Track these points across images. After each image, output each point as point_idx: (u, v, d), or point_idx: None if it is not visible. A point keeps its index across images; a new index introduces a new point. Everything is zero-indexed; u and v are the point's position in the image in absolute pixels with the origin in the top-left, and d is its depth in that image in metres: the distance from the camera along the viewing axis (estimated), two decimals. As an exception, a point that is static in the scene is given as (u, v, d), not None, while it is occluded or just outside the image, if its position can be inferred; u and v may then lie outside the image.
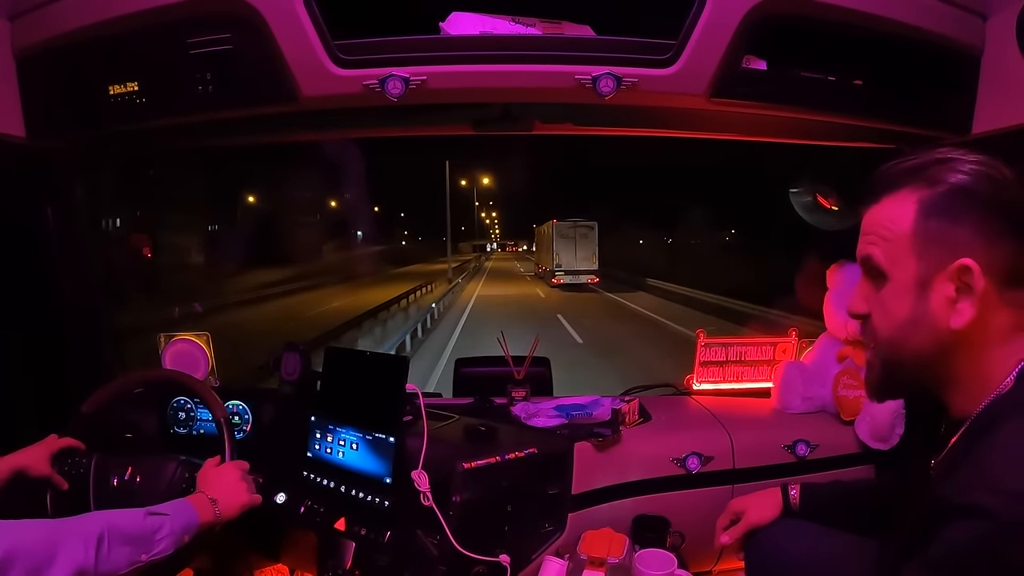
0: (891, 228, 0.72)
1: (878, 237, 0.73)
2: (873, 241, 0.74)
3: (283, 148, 14.28)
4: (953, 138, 1.30)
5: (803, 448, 1.44)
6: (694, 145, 1.68)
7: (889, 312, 0.73)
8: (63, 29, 1.15)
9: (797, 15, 1.10)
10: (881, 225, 0.73)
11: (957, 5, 1.17)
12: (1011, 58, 1.15)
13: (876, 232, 0.73)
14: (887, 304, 0.73)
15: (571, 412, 1.43)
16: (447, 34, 1.10)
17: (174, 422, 1.50)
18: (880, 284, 0.74)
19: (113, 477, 1.15)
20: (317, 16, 1.03)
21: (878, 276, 0.74)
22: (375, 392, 1.24)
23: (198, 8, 1.08)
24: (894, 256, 0.72)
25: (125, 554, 0.84)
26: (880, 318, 0.75)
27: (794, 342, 1.73)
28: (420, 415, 1.23)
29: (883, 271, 0.73)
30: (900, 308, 0.72)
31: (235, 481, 1.09)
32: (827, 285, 1.61)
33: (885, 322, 0.74)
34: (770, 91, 1.17)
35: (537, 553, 1.24)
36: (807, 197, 1.68)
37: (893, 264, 0.72)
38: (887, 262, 0.72)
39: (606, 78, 1.07)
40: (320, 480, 1.27)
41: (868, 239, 0.75)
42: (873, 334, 0.77)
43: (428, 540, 1.14)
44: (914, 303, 0.71)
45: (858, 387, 1.49)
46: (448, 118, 1.34)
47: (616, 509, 1.35)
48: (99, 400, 1.24)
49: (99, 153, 1.55)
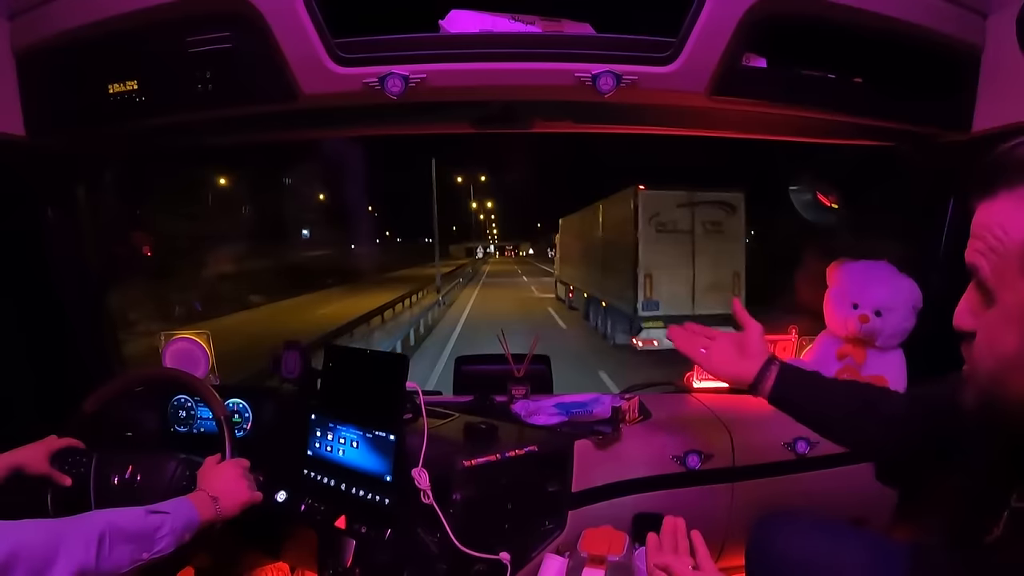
0: (1002, 237, 0.58)
1: (987, 246, 0.60)
2: (981, 249, 0.61)
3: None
4: (953, 137, 1.30)
5: (803, 446, 1.44)
6: (696, 142, 1.68)
7: (993, 342, 0.61)
8: (63, 28, 1.15)
9: (797, 13, 1.09)
10: (991, 231, 0.59)
11: (957, 3, 1.17)
12: (1011, 56, 1.15)
13: (985, 238, 0.60)
14: (992, 331, 0.61)
15: (571, 410, 1.43)
16: (447, 32, 1.10)
17: (174, 420, 1.50)
18: (988, 303, 0.61)
19: (114, 476, 1.15)
20: (317, 14, 1.03)
21: (986, 293, 0.61)
22: (375, 390, 1.24)
23: (198, 7, 1.08)
24: (1003, 274, 0.59)
25: (126, 553, 0.84)
26: (983, 345, 0.62)
27: (794, 340, 1.73)
28: (420, 413, 1.23)
29: (990, 290, 0.60)
30: (1006, 340, 0.59)
31: (236, 479, 1.09)
32: (827, 283, 1.61)
33: (987, 352, 0.62)
34: (770, 89, 1.17)
35: (537, 551, 1.25)
36: (807, 195, 1.68)
37: (1002, 283, 0.59)
38: (995, 279, 0.59)
39: (606, 76, 1.07)
40: (320, 478, 1.27)
41: (976, 245, 0.62)
42: (974, 358, 0.64)
43: (428, 538, 1.14)
44: (1022, 337, 0.58)
45: (858, 385, 1.49)
46: (448, 116, 1.34)
47: (616, 507, 1.35)
48: (100, 399, 1.24)
49: (99, 152, 1.55)
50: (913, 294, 1.44)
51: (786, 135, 1.45)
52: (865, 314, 1.45)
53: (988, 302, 0.61)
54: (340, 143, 28.78)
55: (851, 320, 1.47)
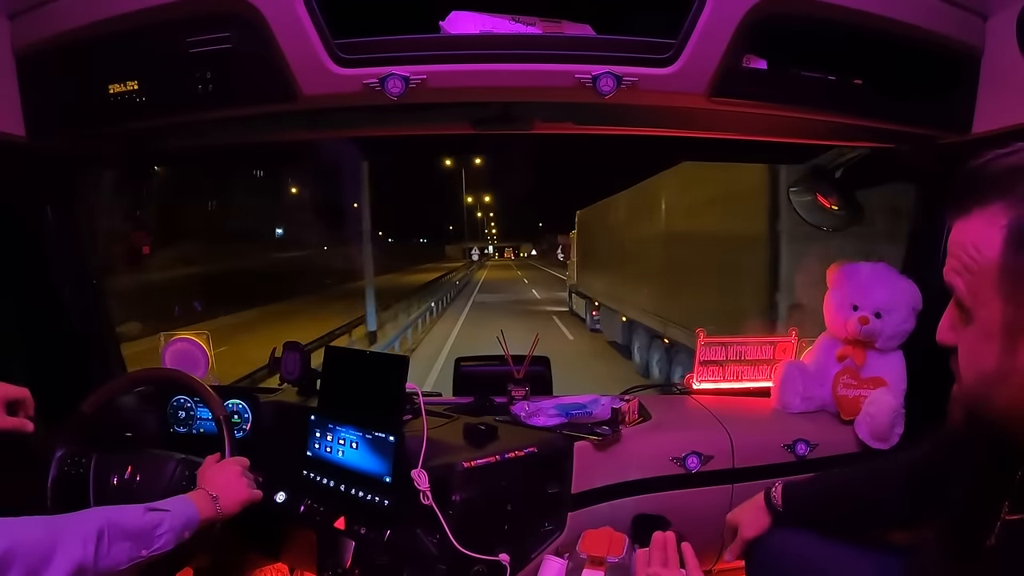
0: (975, 256, 0.58)
1: (961, 265, 0.60)
2: (957, 268, 0.60)
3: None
4: (953, 138, 1.30)
5: (803, 447, 1.44)
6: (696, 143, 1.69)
7: (973, 358, 0.61)
8: (63, 28, 1.15)
9: (797, 14, 1.09)
10: (965, 250, 0.59)
11: (957, 5, 1.17)
12: (1011, 58, 1.15)
13: (960, 257, 0.60)
14: (971, 348, 0.61)
15: (571, 411, 1.43)
16: (447, 33, 1.10)
17: (174, 421, 1.50)
18: (966, 321, 0.61)
19: (113, 476, 1.15)
20: (317, 15, 1.03)
21: (963, 311, 0.61)
22: (375, 391, 1.24)
23: (198, 7, 1.08)
24: (978, 292, 0.59)
25: (125, 550, 0.84)
26: (964, 361, 0.62)
27: (794, 341, 1.73)
28: (420, 414, 1.23)
29: (967, 308, 0.60)
30: (984, 357, 0.59)
31: (235, 477, 1.09)
32: (827, 285, 1.61)
33: (968, 368, 0.62)
34: (770, 90, 1.17)
35: (537, 552, 1.25)
36: (807, 196, 1.68)
37: (976, 301, 0.59)
38: (970, 298, 0.59)
39: (606, 77, 1.07)
40: (320, 479, 1.27)
41: (952, 264, 0.61)
42: (957, 373, 0.64)
43: (428, 539, 1.14)
44: (1000, 354, 0.57)
45: (858, 387, 1.49)
46: (448, 117, 1.34)
47: (616, 508, 1.35)
48: (99, 399, 1.24)
49: (99, 152, 1.55)
50: (913, 296, 1.44)
51: (786, 136, 1.45)
52: (865, 316, 1.45)
53: (966, 319, 0.61)
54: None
55: (851, 322, 1.47)
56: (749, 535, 1.09)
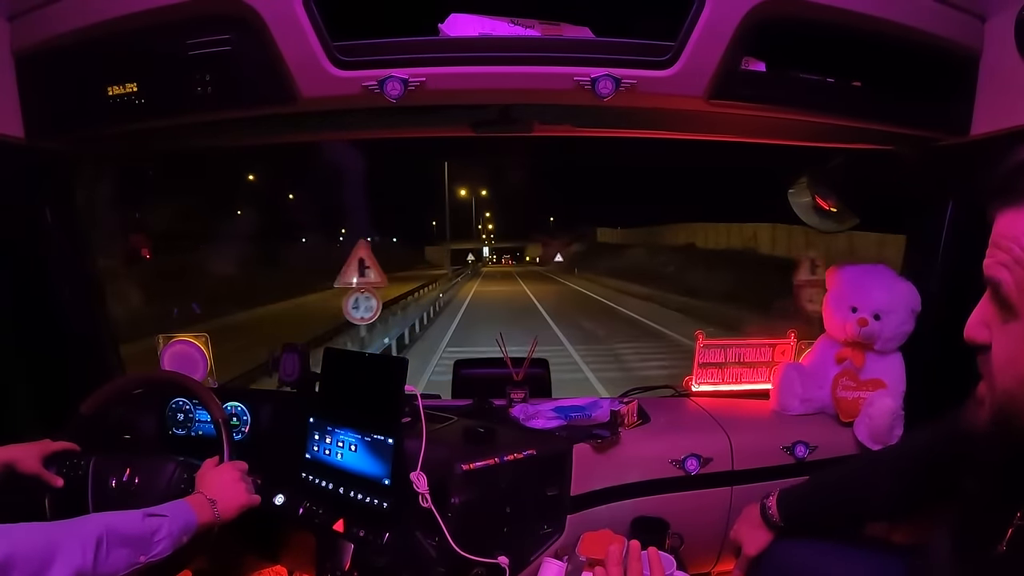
0: None
1: (1012, 259, 0.56)
2: (1005, 262, 0.57)
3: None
4: (952, 140, 1.30)
5: (802, 450, 1.44)
6: (698, 146, 1.68)
7: (1013, 358, 0.58)
8: (62, 29, 1.15)
9: (796, 17, 1.10)
10: (1017, 242, 0.56)
11: (956, 7, 1.18)
12: (1010, 60, 1.16)
13: (1011, 250, 0.56)
14: (1012, 347, 0.58)
15: (570, 414, 1.42)
16: (446, 35, 1.10)
17: (172, 423, 1.49)
18: (1007, 317, 0.58)
19: (111, 478, 1.15)
20: (316, 17, 1.03)
21: (1006, 307, 0.58)
22: (374, 393, 1.24)
23: (197, 9, 1.08)
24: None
25: (123, 556, 0.84)
26: (1001, 360, 0.59)
27: (793, 343, 1.73)
28: (419, 416, 1.23)
29: (1012, 305, 0.57)
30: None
31: (234, 481, 1.09)
32: (826, 287, 1.61)
33: (1006, 368, 0.59)
34: (769, 93, 1.17)
35: (536, 555, 1.24)
36: (805, 198, 1.68)
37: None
38: (1019, 294, 0.56)
39: (605, 79, 1.07)
40: (319, 481, 1.27)
41: (999, 256, 0.58)
42: (989, 373, 0.61)
43: (427, 542, 1.14)
44: None
45: (857, 388, 1.49)
46: (447, 119, 1.35)
47: (615, 511, 1.34)
48: (98, 401, 1.24)
49: (98, 154, 1.55)
50: (912, 297, 1.44)
51: (785, 139, 1.45)
52: (864, 317, 1.45)
53: (1007, 316, 0.58)
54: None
55: (850, 323, 1.47)
56: (751, 553, 1.10)
